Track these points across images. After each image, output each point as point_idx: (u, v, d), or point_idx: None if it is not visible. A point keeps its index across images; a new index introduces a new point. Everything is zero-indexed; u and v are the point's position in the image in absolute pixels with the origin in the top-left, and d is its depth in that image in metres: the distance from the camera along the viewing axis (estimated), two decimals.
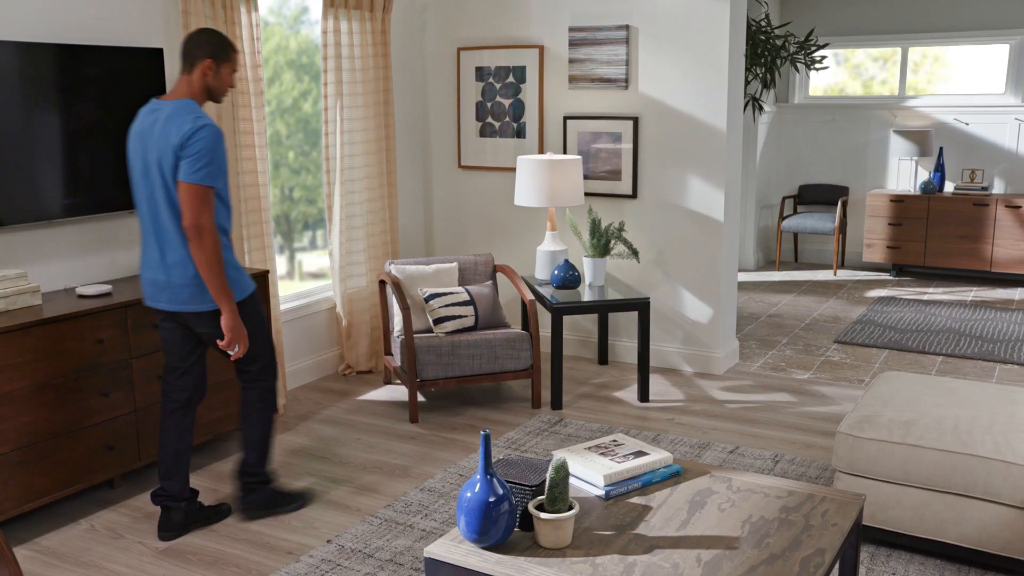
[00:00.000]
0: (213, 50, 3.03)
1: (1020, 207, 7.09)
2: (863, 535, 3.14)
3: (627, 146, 5.09)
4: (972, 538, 2.89)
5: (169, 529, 3.23)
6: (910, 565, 2.98)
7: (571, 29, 5.12)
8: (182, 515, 3.25)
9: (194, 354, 3.20)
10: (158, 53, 3.85)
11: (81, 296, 3.49)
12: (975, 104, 7.55)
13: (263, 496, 3.37)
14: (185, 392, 3.21)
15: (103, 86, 3.65)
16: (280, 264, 4.91)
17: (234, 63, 3.11)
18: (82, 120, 3.59)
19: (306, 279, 5.10)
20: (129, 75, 3.74)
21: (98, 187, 3.67)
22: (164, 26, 3.99)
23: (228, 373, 3.90)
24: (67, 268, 3.71)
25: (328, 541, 3.19)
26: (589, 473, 2.51)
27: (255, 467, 3.34)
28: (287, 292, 4.93)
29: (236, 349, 3.08)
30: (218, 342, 3.11)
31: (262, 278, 4.01)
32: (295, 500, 3.43)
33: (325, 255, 5.19)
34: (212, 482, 3.69)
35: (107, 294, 3.53)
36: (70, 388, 3.28)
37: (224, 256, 3.06)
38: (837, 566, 2.93)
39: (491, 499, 2.14)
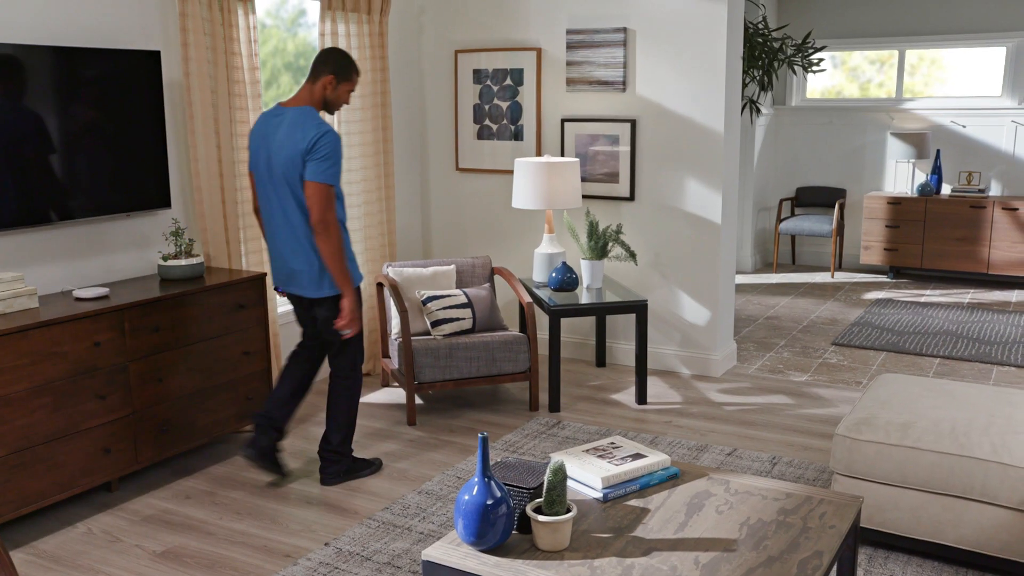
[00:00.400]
0: (336, 68, 3.43)
1: (1017, 209, 7.11)
2: (861, 537, 3.14)
3: (625, 148, 5.09)
4: (970, 540, 2.89)
5: (254, 447, 3.59)
6: (908, 567, 2.98)
7: (569, 31, 5.13)
8: (268, 443, 3.60)
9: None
10: (155, 55, 3.85)
11: (78, 299, 3.49)
12: (972, 107, 7.56)
13: (343, 467, 3.71)
14: (315, 351, 3.69)
15: (101, 88, 3.65)
16: None
17: (353, 83, 3.49)
18: (79, 122, 3.59)
19: None
20: (127, 77, 3.74)
21: (95, 190, 3.67)
22: (162, 28, 3.99)
23: (223, 377, 3.90)
24: (64, 271, 3.71)
25: (326, 544, 3.19)
26: (587, 476, 2.51)
27: (339, 447, 3.68)
28: None
29: (349, 331, 3.44)
30: (335, 324, 3.45)
31: (259, 281, 4.00)
32: (371, 464, 3.80)
33: None
34: (208, 484, 3.69)
35: (104, 297, 3.53)
36: (67, 391, 3.28)
37: (344, 246, 3.43)
38: (835, 568, 2.93)
39: (489, 502, 2.14)
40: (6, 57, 3.31)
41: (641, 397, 4.59)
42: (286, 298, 3.63)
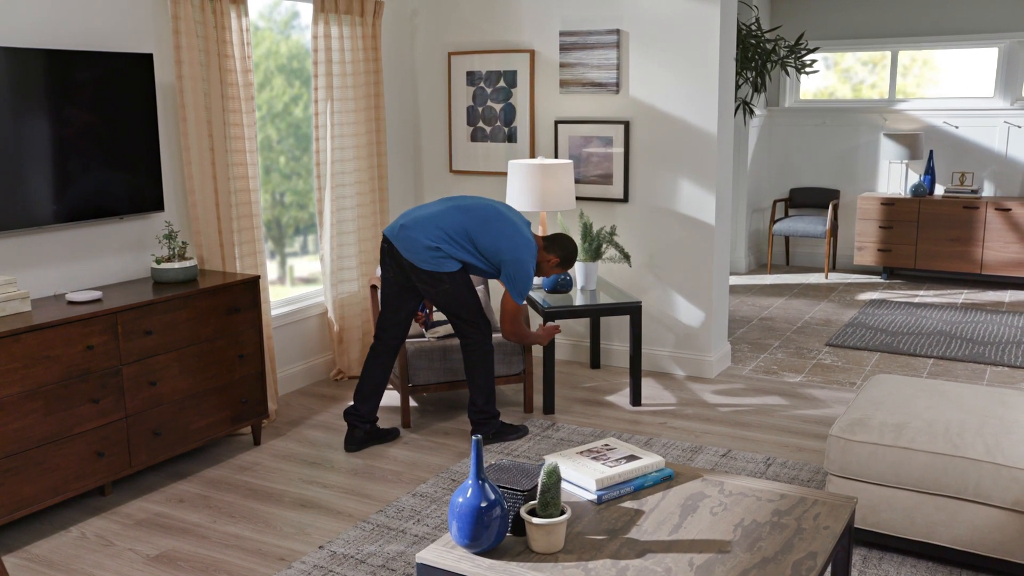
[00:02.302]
0: (564, 256, 4.08)
1: (1010, 210, 7.13)
2: (855, 538, 3.14)
3: (618, 150, 5.09)
4: (963, 540, 2.89)
5: (353, 443, 4.04)
6: (902, 568, 2.98)
7: (562, 33, 5.13)
8: (363, 434, 4.04)
9: (408, 304, 4.06)
10: (148, 58, 3.84)
11: (71, 302, 3.48)
12: (964, 107, 7.58)
13: (492, 428, 4.08)
14: (397, 342, 4.06)
15: (93, 91, 3.64)
16: (271, 269, 4.90)
17: (564, 270, 4.16)
18: (72, 125, 3.58)
19: (297, 284, 5.09)
20: (119, 80, 3.73)
21: (88, 193, 3.66)
22: (154, 31, 3.98)
23: (217, 380, 3.89)
24: (57, 274, 3.69)
25: (320, 547, 3.18)
26: (581, 477, 2.50)
27: (484, 406, 4.05)
28: (278, 297, 4.92)
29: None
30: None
31: (253, 284, 4.00)
32: (518, 430, 4.16)
33: (316, 260, 5.18)
34: (202, 488, 3.68)
35: (97, 300, 3.52)
36: (60, 395, 3.27)
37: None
38: (829, 569, 2.94)
39: (483, 504, 2.14)
40: None
41: (635, 399, 4.59)
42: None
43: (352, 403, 4.02)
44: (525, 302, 4.02)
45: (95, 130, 3.67)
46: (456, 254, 3.83)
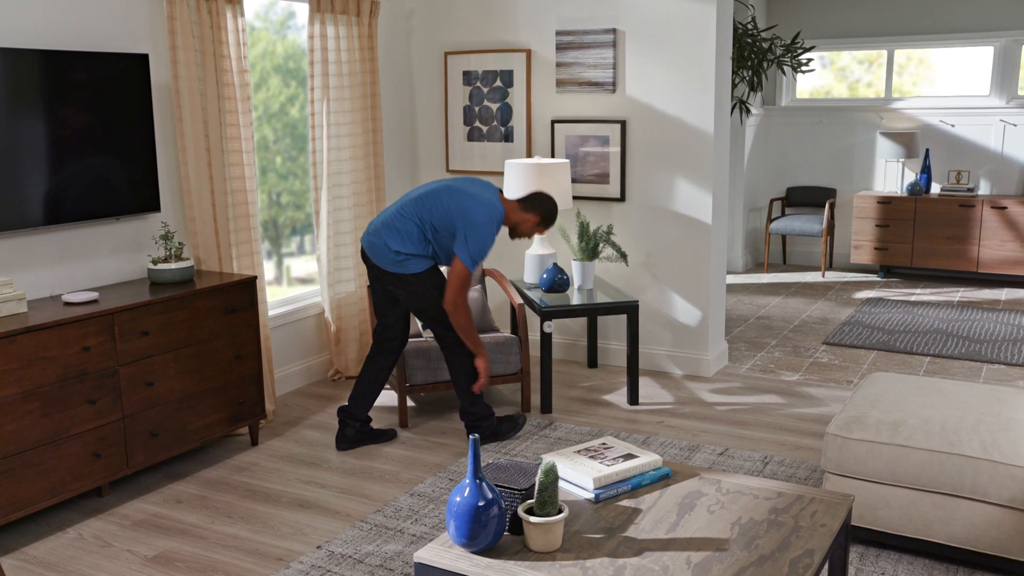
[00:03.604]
0: (545, 215, 3.93)
1: (1006, 208, 7.14)
2: (852, 535, 3.15)
3: (615, 149, 5.10)
4: (960, 537, 2.90)
5: (344, 442, 4.04)
6: (899, 565, 2.99)
7: (558, 33, 5.13)
8: (354, 432, 4.04)
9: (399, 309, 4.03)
10: (144, 59, 3.83)
11: (67, 303, 3.47)
12: (960, 106, 7.60)
13: (487, 429, 4.05)
14: (398, 344, 4.05)
15: (89, 92, 3.63)
16: (268, 270, 4.90)
17: (544, 230, 4.01)
18: (68, 126, 3.57)
19: (294, 284, 5.09)
20: (115, 81, 3.73)
21: (84, 194, 3.66)
22: (150, 32, 3.98)
23: (214, 380, 3.89)
24: (53, 275, 3.69)
25: (318, 547, 3.18)
26: (578, 476, 2.51)
27: (471, 408, 4.02)
28: (275, 298, 4.91)
29: (483, 384, 3.98)
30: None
31: (250, 284, 3.99)
32: (515, 422, 4.15)
33: (313, 260, 5.18)
34: (200, 488, 3.67)
35: (94, 301, 3.52)
36: (57, 396, 3.26)
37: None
38: (826, 567, 2.94)
39: (480, 503, 2.14)
40: None
41: (633, 398, 4.59)
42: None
43: (347, 401, 4.00)
44: (479, 274, 3.86)
45: (91, 131, 3.66)
46: (420, 251, 3.77)
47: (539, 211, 3.89)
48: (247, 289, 3.99)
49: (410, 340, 4.39)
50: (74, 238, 3.76)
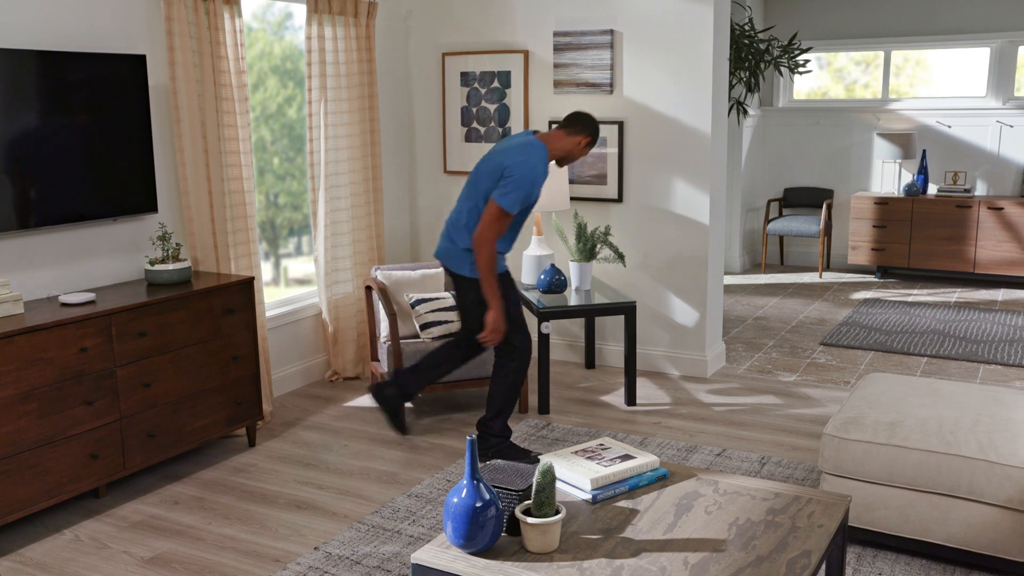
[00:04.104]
0: (593, 133, 3.73)
1: (1002, 209, 7.16)
2: (849, 536, 3.15)
3: (612, 150, 5.10)
4: (957, 538, 2.90)
5: (380, 393, 3.95)
6: (896, 565, 2.99)
7: (556, 34, 5.13)
8: (394, 394, 3.95)
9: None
10: (141, 59, 3.83)
11: (64, 304, 3.47)
12: (957, 107, 7.61)
13: (493, 447, 3.86)
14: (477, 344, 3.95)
15: (86, 93, 3.63)
16: (265, 270, 4.90)
17: (591, 147, 3.81)
18: (65, 127, 3.57)
19: (292, 285, 5.09)
20: (112, 82, 3.72)
21: (82, 195, 3.65)
22: (147, 33, 3.97)
23: (212, 381, 3.89)
24: (50, 276, 3.69)
25: (315, 548, 3.18)
26: (576, 477, 2.51)
27: (490, 421, 3.85)
28: (273, 299, 4.91)
29: (490, 340, 3.71)
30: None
31: (247, 285, 3.99)
32: (526, 456, 3.86)
33: (310, 261, 5.18)
34: (197, 490, 3.67)
35: (91, 302, 3.51)
36: (53, 397, 3.26)
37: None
38: (824, 567, 2.94)
39: (478, 504, 2.14)
40: None
41: (630, 398, 4.59)
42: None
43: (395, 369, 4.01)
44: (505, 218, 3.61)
45: (88, 132, 3.66)
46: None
47: (588, 130, 3.71)
48: (244, 290, 3.99)
49: (407, 341, 4.39)
50: (71, 239, 3.75)
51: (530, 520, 2.17)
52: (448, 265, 3.78)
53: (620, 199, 5.13)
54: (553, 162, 4.56)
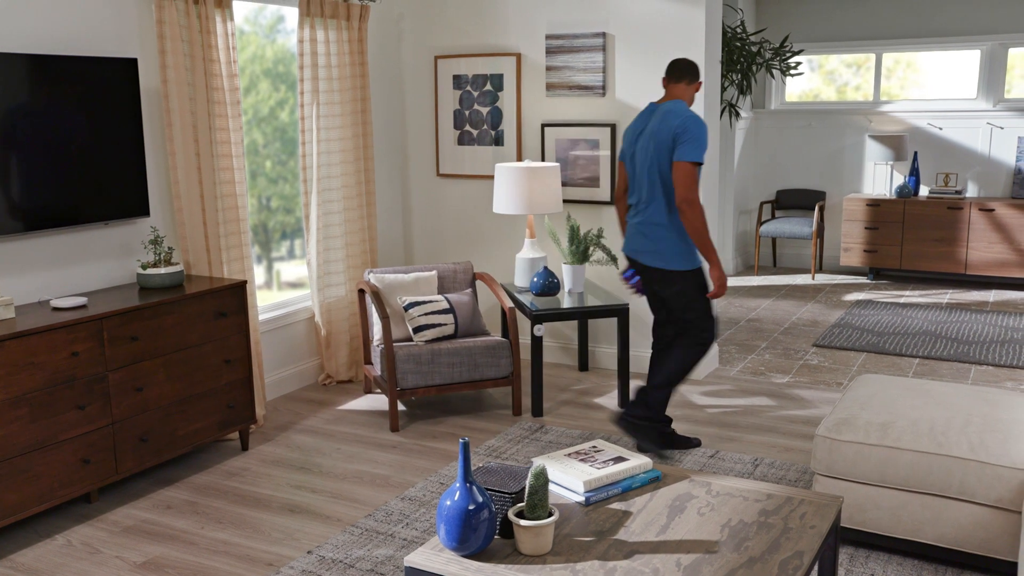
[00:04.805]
0: (698, 76, 3.82)
1: (993, 210, 7.19)
2: (842, 537, 3.16)
3: (605, 153, 5.11)
4: (949, 538, 2.91)
5: (624, 421, 3.90)
6: (888, 566, 3.00)
7: (548, 37, 5.14)
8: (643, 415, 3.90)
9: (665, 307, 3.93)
10: (132, 63, 3.83)
11: (55, 309, 3.46)
12: (948, 109, 7.64)
13: (655, 432, 3.89)
14: (666, 338, 3.97)
15: (78, 96, 3.62)
16: (258, 274, 4.89)
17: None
18: (57, 131, 3.56)
19: (284, 289, 5.08)
20: (104, 85, 3.72)
21: (73, 198, 3.64)
22: (139, 36, 3.97)
23: (204, 385, 3.88)
24: (41, 281, 3.67)
25: (309, 552, 3.17)
26: (569, 479, 2.51)
27: (655, 391, 3.86)
28: (265, 302, 4.90)
29: (718, 295, 3.76)
30: (709, 295, 3.79)
31: (240, 288, 3.99)
32: (688, 443, 3.96)
33: (303, 264, 5.17)
34: (190, 494, 3.66)
35: (82, 306, 3.50)
36: (45, 402, 3.25)
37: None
38: (816, 568, 2.95)
39: (471, 507, 2.14)
40: None
41: (624, 401, 4.59)
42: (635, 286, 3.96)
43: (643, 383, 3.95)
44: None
45: (80, 135, 3.65)
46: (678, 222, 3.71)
47: (697, 74, 3.80)
48: (237, 294, 3.98)
49: (400, 344, 4.39)
50: (62, 243, 3.74)
51: (523, 522, 2.17)
52: (650, 262, 3.77)
53: (613, 201, 5.14)
54: None
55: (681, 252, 3.75)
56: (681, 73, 3.78)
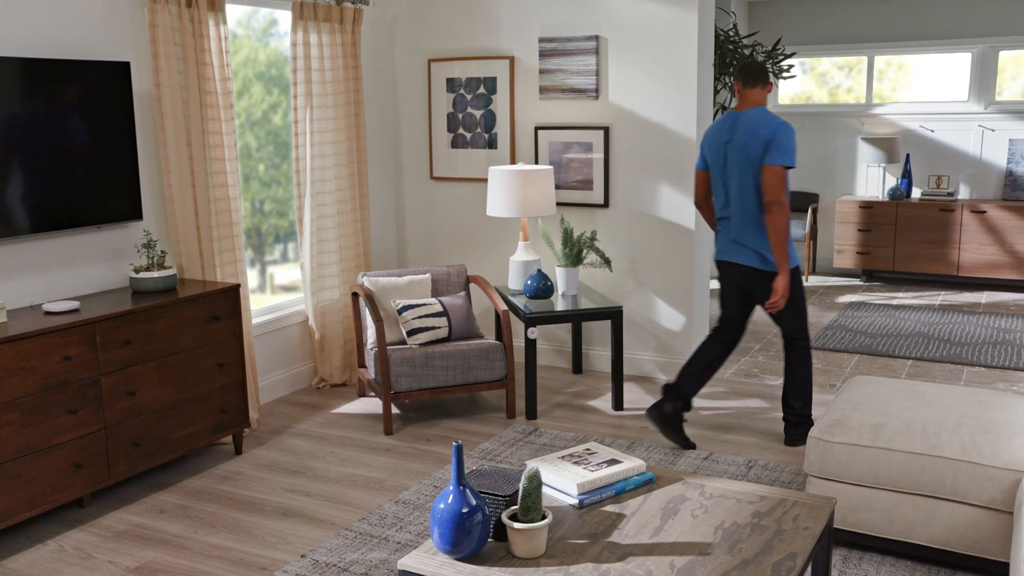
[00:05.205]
0: (768, 80, 3.92)
1: (985, 212, 7.21)
2: (835, 538, 3.16)
3: (598, 156, 5.12)
4: (941, 539, 2.92)
5: (657, 412, 4.01)
6: (881, 567, 3.01)
7: (541, 40, 5.15)
8: (672, 411, 4.01)
9: (745, 309, 4.04)
10: (125, 67, 3.82)
11: (48, 313, 3.45)
12: (940, 111, 7.67)
13: (806, 429, 4.06)
14: (732, 335, 4.07)
15: (70, 100, 3.61)
16: (251, 278, 4.88)
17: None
18: (49, 134, 3.55)
19: (278, 292, 5.08)
20: (97, 89, 3.71)
21: (65, 202, 3.64)
22: (132, 40, 3.96)
23: (197, 389, 3.87)
24: (34, 285, 3.66)
25: (302, 556, 3.17)
26: (562, 482, 2.51)
27: (801, 410, 4.04)
28: (259, 306, 4.90)
29: (777, 305, 3.82)
30: (766, 303, 3.86)
31: (233, 292, 3.98)
32: None
33: (297, 268, 5.17)
34: (183, 498, 3.65)
35: (75, 310, 3.49)
36: (37, 406, 3.24)
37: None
38: (809, 569, 2.95)
39: (464, 510, 2.14)
40: None
41: (618, 403, 4.60)
42: (722, 279, 4.05)
43: (676, 379, 4.06)
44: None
45: (72, 139, 3.64)
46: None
47: (767, 77, 3.90)
48: (230, 297, 3.97)
49: (394, 348, 4.39)
50: (55, 247, 3.73)
51: (517, 525, 2.17)
52: (746, 261, 3.88)
53: (606, 204, 5.15)
54: None
55: None
56: (756, 78, 3.87)
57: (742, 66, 3.90)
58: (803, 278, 3.92)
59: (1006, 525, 2.82)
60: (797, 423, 4.07)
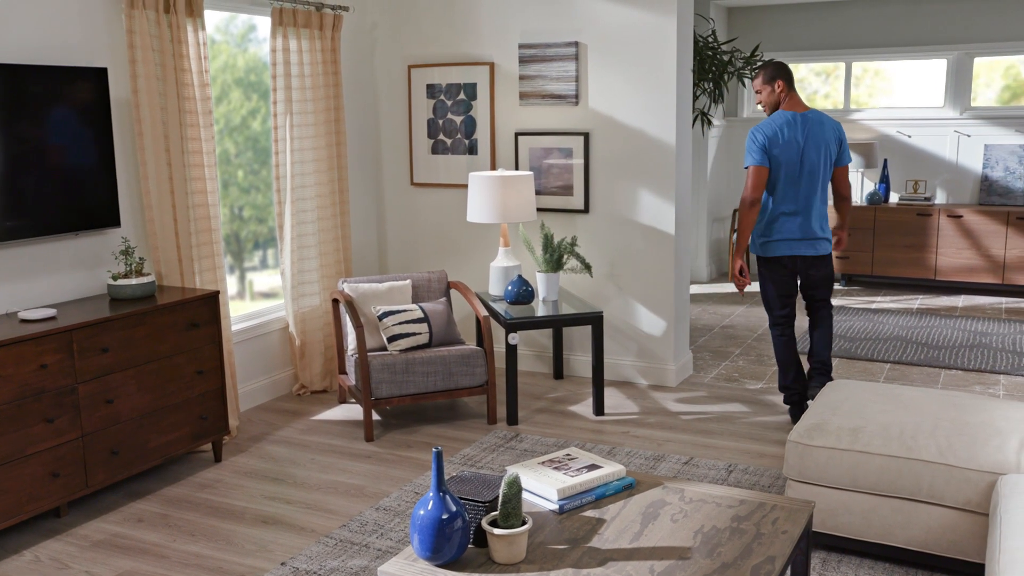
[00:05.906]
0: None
1: (961, 216, 7.30)
2: (814, 541, 3.19)
3: (578, 161, 5.13)
4: (918, 541, 2.95)
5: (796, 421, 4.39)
6: (860, 569, 3.03)
7: (521, 46, 5.16)
8: (801, 412, 4.39)
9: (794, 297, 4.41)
10: (102, 72, 3.80)
11: (24, 320, 3.42)
12: (916, 117, 7.76)
13: (829, 380, 4.36)
14: (791, 327, 4.41)
15: (46, 106, 3.59)
16: (231, 284, 4.86)
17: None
18: (25, 140, 3.52)
19: (258, 299, 5.05)
20: (73, 95, 3.68)
21: (42, 209, 3.60)
22: (109, 46, 3.94)
23: (176, 396, 3.84)
24: (10, 292, 3.63)
25: (282, 564, 3.15)
26: (542, 488, 2.51)
27: (830, 360, 4.38)
28: (238, 312, 4.87)
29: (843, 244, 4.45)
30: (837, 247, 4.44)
31: (212, 299, 3.96)
32: None
33: (276, 274, 5.15)
34: (162, 507, 3.62)
35: (51, 318, 3.46)
36: (12, 415, 3.20)
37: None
38: (788, 573, 2.97)
39: (444, 516, 2.13)
40: None
41: (598, 408, 4.61)
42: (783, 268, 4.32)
43: (787, 385, 4.41)
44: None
45: (49, 145, 3.61)
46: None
47: (786, 73, 4.23)
48: (209, 304, 3.95)
49: (375, 354, 4.38)
50: (32, 254, 3.70)
51: (497, 531, 2.17)
52: (821, 251, 4.26)
53: (586, 210, 5.16)
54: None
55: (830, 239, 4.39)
56: (788, 76, 4.25)
57: (782, 67, 4.21)
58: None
59: (982, 527, 2.85)
60: (824, 371, 4.39)
